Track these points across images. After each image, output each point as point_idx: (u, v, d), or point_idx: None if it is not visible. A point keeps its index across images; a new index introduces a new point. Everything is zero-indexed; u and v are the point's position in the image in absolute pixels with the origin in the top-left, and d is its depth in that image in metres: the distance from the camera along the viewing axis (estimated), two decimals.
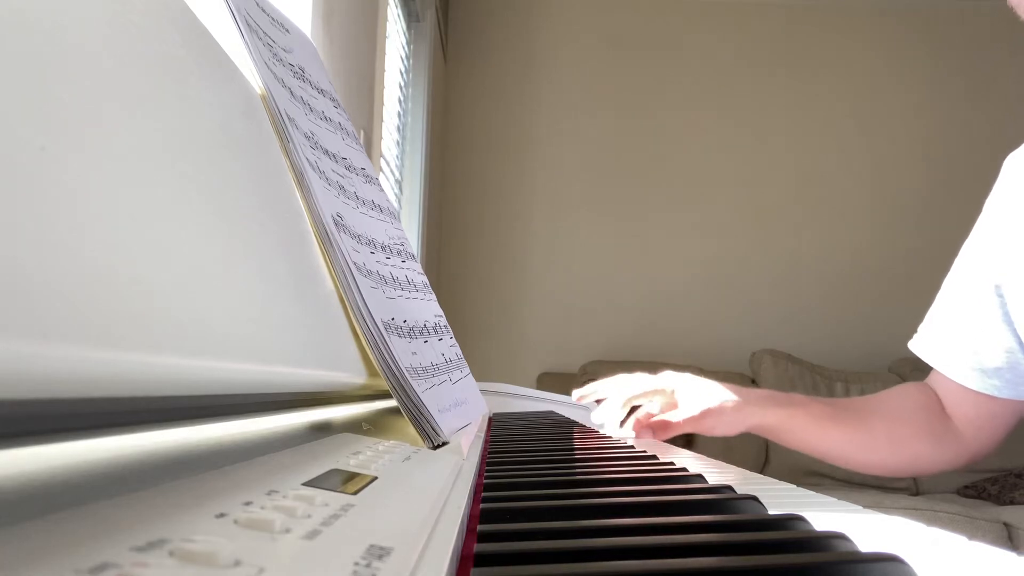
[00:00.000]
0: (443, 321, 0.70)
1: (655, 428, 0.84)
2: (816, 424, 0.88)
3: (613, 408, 0.88)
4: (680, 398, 0.87)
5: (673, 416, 0.85)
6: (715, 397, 0.85)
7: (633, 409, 0.89)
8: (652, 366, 0.92)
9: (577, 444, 0.66)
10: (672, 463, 0.50)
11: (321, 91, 0.64)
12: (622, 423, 0.88)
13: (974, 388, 0.84)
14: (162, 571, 0.13)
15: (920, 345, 0.90)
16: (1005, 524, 2.35)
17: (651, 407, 0.88)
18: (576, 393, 0.94)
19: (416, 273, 0.68)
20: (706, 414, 0.84)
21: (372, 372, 0.46)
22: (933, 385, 0.90)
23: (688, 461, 0.56)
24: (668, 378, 0.89)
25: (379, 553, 0.17)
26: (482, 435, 0.67)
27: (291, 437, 0.37)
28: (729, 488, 0.35)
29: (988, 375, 0.82)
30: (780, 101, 3.26)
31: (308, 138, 0.52)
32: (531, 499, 0.34)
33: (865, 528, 0.30)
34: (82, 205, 0.18)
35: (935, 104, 3.26)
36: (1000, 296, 0.80)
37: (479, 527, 0.27)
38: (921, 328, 0.91)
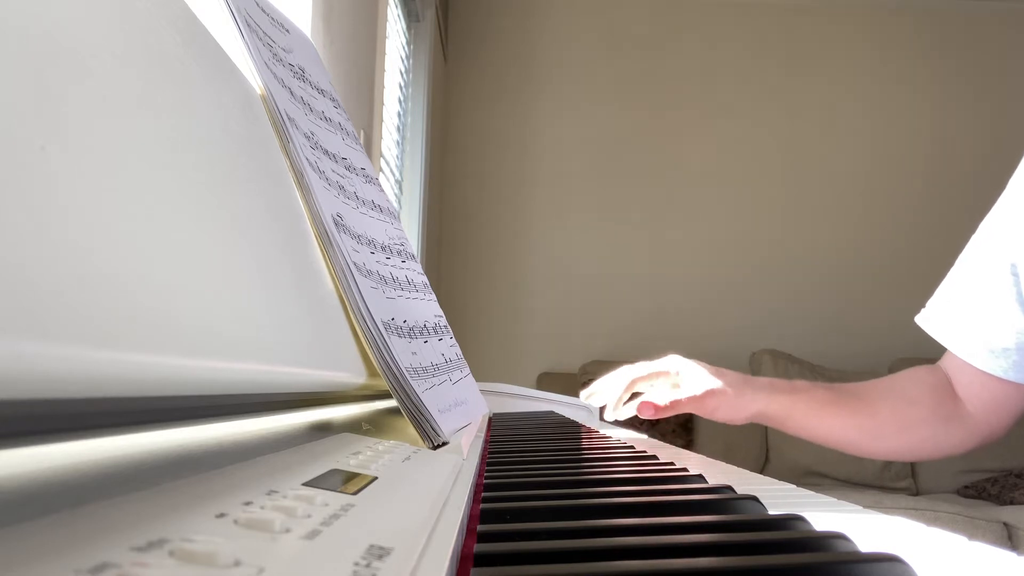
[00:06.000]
0: (443, 321, 0.70)
1: (656, 407, 0.84)
2: (820, 410, 0.87)
3: (615, 388, 0.89)
4: (684, 380, 0.87)
5: (676, 394, 0.85)
6: (719, 380, 0.86)
7: (635, 396, 0.89)
8: None
9: (577, 444, 0.66)
10: (672, 463, 0.50)
11: (321, 91, 0.64)
12: (623, 404, 0.89)
13: (981, 367, 0.83)
14: (162, 571, 0.13)
15: (928, 320, 0.89)
16: (1005, 524, 2.35)
17: (654, 392, 0.88)
18: (584, 393, 0.94)
19: (416, 273, 0.68)
20: (709, 394, 0.84)
21: (372, 372, 0.46)
22: (944, 366, 0.89)
23: (688, 461, 0.56)
24: (672, 360, 0.89)
25: (379, 553, 0.17)
26: (482, 435, 0.67)
27: (291, 437, 0.37)
28: (729, 488, 0.35)
29: (997, 355, 0.81)
30: (779, 100, 3.26)
31: (308, 138, 0.52)
32: (531, 499, 0.34)
33: (865, 528, 0.30)
34: (82, 205, 0.18)
35: (935, 102, 3.26)
36: (1015, 275, 0.79)
37: (479, 527, 0.27)
38: (930, 303, 0.89)
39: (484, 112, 3.24)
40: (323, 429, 0.43)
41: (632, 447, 0.63)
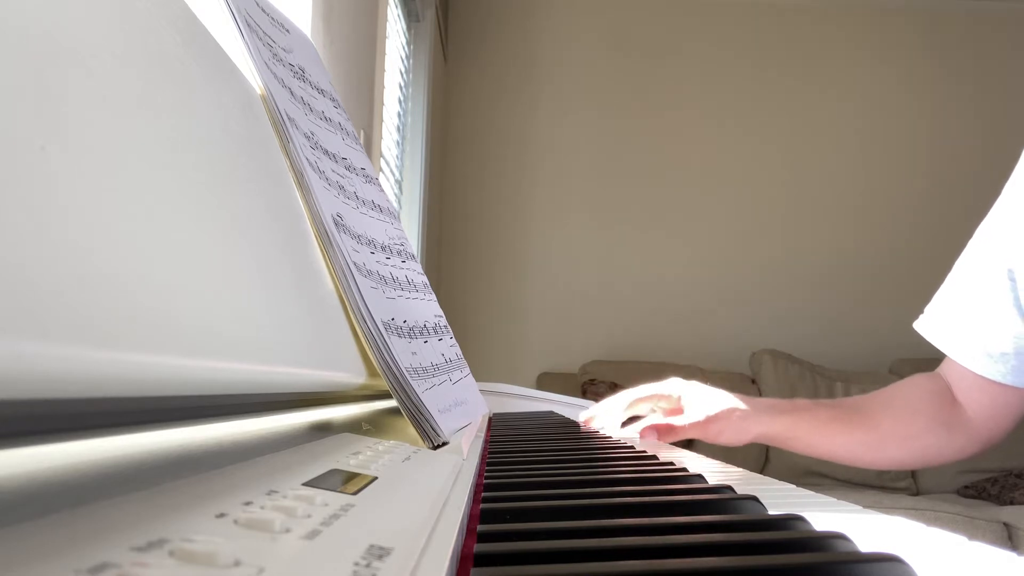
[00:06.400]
0: (443, 321, 0.70)
1: (660, 431, 0.84)
2: (823, 428, 0.87)
3: (614, 411, 0.88)
4: (686, 404, 0.86)
5: (678, 420, 0.84)
6: (721, 404, 0.85)
7: (634, 418, 0.89)
8: (652, 366, 0.92)
9: (577, 444, 0.66)
10: (672, 463, 0.50)
11: (321, 91, 0.64)
12: (622, 426, 0.88)
13: (979, 372, 0.83)
14: (162, 571, 0.13)
15: (926, 326, 0.89)
16: (1005, 524, 2.35)
17: (656, 415, 0.87)
18: (583, 416, 0.93)
19: (416, 273, 0.68)
20: (712, 420, 0.84)
21: (372, 372, 0.46)
22: (944, 373, 0.89)
23: (689, 461, 0.56)
24: (674, 384, 0.88)
25: (379, 553, 0.17)
26: (482, 435, 0.67)
27: (291, 437, 0.37)
28: (729, 488, 0.35)
29: (994, 360, 0.81)
30: (780, 101, 3.26)
31: (308, 138, 0.52)
32: (531, 499, 0.34)
33: (865, 528, 0.30)
34: (82, 205, 0.18)
35: (935, 102, 3.26)
36: (1012, 280, 0.79)
37: (479, 527, 0.27)
38: (928, 309, 0.89)
39: (484, 112, 3.24)
40: (323, 429, 0.43)
41: (632, 447, 0.63)
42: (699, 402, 0.86)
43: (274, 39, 0.56)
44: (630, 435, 0.87)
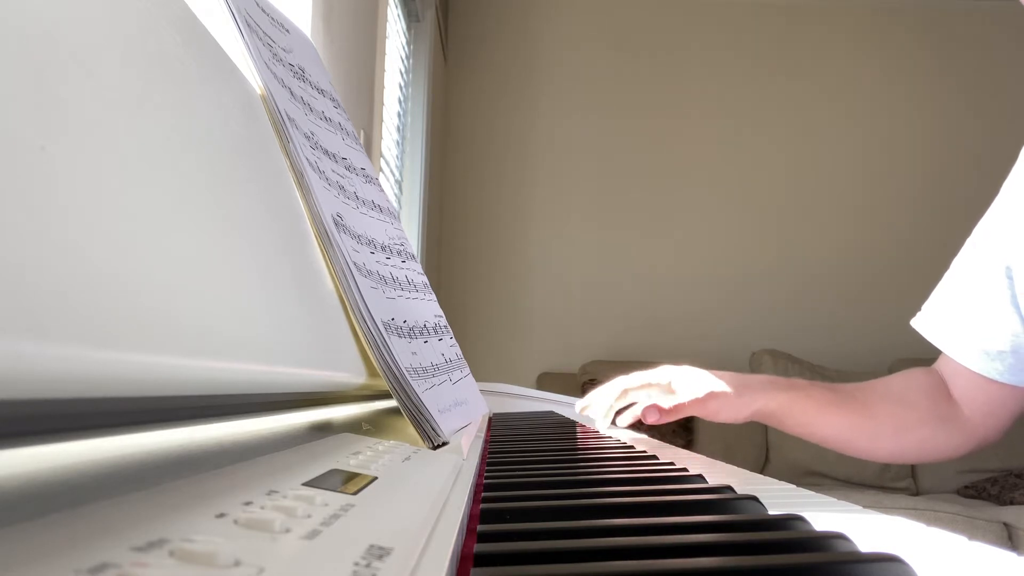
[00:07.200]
0: (443, 321, 0.70)
1: (660, 410, 0.84)
2: (819, 409, 0.87)
3: (606, 399, 0.89)
4: (678, 388, 0.87)
5: (678, 398, 0.85)
6: (718, 382, 0.86)
7: (627, 406, 0.89)
8: (652, 366, 0.92)
9: (577, 444, 0.66)
10: (672, 463, 0.50)
11: (321, 91, 0.64)
12: (616, 416, 0.89)
13: (976, 370, 0.83)
14: (162, 571, 0.13)
15: (923, 323, 0.88)
16: (1005, 524, 2.35)
17: (653, 397, 0.88)
18: (579, 404, 0.93)
19: (416, 273, 0.67)
20: (711, 396, 0.84)
21: (372, 372, 0.46)
22: (940, 369, 0.89)
23: (688, 461, 0.56)
24: (664, 371, 0.89)
25: (379, 553, 0.17)
26: (482, 435, 0.67)
27: (291, 437, 0.37)
28: (729, 488, 0.35)
29: (991, 358, 0.81)
30: (780, 102, 3.26)
31: (308, 138, 0.52)
32: (531, 499, 0.34)
33: (865, 528, 0.30)
34: (82, 205, 0.18)
35: (934, 102, 3.26)
36: (1010, 278, 0.79)
37: (479, 527, 0.27)
38: (926, 306, 0.89)
39: (484, 113, 3.24)
40: (323, 429, 0.43)
41: (632, 447, 0.63)
42: (693, 382, 0.86)
43: (274, 39, 0.56)
44: (631, 434, 0.87)
